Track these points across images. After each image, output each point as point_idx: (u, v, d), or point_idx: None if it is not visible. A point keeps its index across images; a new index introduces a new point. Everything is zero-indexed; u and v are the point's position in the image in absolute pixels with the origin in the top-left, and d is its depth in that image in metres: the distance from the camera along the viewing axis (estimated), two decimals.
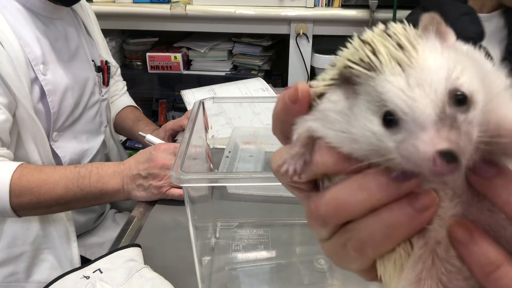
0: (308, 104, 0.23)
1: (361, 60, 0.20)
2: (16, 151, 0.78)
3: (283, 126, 0.24)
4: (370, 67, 0.19)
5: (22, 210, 0.74)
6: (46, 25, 0.85)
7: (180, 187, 0.74)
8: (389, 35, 0.20)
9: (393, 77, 0.19)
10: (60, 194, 0.73)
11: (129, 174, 0.75)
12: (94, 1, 1.60)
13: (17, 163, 0.73)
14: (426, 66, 0.18)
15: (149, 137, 0.94)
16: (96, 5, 1.57)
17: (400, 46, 0.19)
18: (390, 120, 0.18)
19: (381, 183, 0.20)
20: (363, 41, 0.21)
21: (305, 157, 0.22)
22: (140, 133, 1.01)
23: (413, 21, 0.20)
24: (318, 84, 0.23)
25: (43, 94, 0.81)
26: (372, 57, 0.19)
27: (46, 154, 0.81)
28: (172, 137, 1.06)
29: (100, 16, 1.56)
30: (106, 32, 1.68)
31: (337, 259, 0.24)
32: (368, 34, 0.21)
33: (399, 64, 0.19)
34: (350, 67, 0.20)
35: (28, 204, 0.73)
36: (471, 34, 1.07)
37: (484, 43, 1.11)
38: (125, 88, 1.25)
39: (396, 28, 0.20)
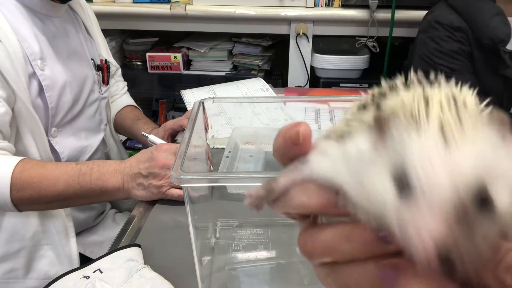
0: (309, 146, 0.22)
1: (411, 114, 0.18)
2: (15, 145, 0.79)
3: (282, 158, 0.24)
4: (413, 122, 0.17)
5: (22, 204, 0.74)
6: (44, 23, 0.85)
7: (180, 188, 0.74)
8: (455, 101, 0.18)
9: (427, 140, 0.17)
10: (61, 190, 0.73)
11: (130, 173, 0.75)
12: (94, 1, 1.60)
13: (19, 158, 0.74)
14: (468, 146, 0.16)
15: (152, 138, 0.94)
16: (96, 5, 1.57)
17: (459, 117, 0.17)
18: (402, 183, 0.17)
19: (368, 239, 0.20)
20: (424, 96, 0.18)
21: (267, 201, 0.24)
22: (143, 133, 1.02)
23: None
24: (341, 125, 0.22)
25: (41, 89, 0.81)
26: (422, 113, 0.17)
27: (44, 149, 0.82)
28: (172, 137, 1.06)
29: (100, 16, 1.56)
30: (106, 32, 1.68)
31: (324, 284, 0.24)
32: (433, 91, 0.19)
33: (443, 132, 0.17)
34: (397, 116, 0.18)
35: (28, 199, 0.73)
36: (503, 36, 1.05)
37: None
38: (126, 88, 1.26)
39: (466, 97, 0.18)
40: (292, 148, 0.23)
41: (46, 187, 0.73)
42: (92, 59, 1.00)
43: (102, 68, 1.03)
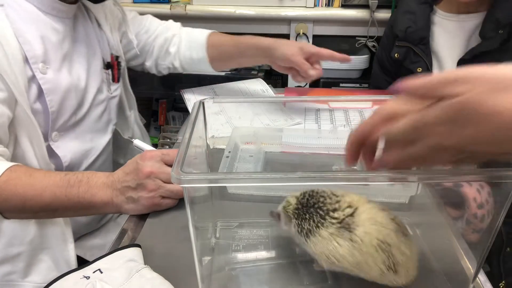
0: None
1: None
2: (14, 150, 0.78)
3: None
4: None
5: (7, 212, 0.73)
6: (53, 24, 0.83)
7: (173, 198, 0.73)
8: None
9: None
10: (47, 202, 0.71)
11: (119, 187, 0.72)
12: None
13: (7, 165, 0.71)
14: None
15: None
16: None
17: None
18: None
19: None
20: None
21: None
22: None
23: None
24: None
25: (41, 93, 0.80)
26: None
27: (42, 154, 0.80)
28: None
29: None
30: None
31: None
32: None
33: None
34: None
35: (14, 208, 0.71)
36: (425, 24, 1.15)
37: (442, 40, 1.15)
38: (179, 23, 1.19)
39: None
40: None
41: (32, 197, 0.70)
42: (102, 57, 0.98)
43: (112, 66, 1.00)
